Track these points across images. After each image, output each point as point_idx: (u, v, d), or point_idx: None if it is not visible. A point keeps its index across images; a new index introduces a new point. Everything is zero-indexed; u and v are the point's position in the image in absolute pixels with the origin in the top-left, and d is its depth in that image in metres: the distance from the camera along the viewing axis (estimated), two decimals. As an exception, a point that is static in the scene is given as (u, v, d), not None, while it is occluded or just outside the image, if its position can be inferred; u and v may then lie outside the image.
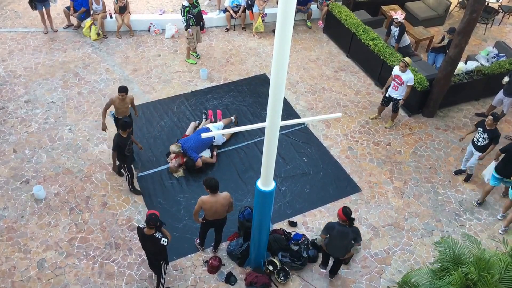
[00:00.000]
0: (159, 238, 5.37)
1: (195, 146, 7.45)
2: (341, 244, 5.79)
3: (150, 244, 5.47)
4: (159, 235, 5.39)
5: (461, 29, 7.88)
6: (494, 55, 9.66)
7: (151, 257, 5.78)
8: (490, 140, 7.22)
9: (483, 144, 7.30)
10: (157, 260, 5.72)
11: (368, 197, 7.46)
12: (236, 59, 10.06)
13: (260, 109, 8.86)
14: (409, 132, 8.65)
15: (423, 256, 6.71)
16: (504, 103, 8.45)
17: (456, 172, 7.95)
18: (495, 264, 4.89)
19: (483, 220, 7.28)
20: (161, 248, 5.47)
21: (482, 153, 7.35)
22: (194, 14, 9.19)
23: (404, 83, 7.98)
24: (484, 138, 7.25)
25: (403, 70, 7.92)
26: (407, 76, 7.94)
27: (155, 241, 5.38)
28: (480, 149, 7.36)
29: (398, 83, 8.07)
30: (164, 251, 5.60)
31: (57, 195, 7.16)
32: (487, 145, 7.27)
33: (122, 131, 6.52)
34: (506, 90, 8.26)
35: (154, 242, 5.40)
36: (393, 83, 8.18)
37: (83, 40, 10.23)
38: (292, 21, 3.91)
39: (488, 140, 7.23)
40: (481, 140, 7.31)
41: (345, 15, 10.03)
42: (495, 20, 11.61)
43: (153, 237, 5.35)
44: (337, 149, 8.21)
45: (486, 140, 7.24)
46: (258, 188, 5.32)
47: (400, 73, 7.98)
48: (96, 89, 9.05)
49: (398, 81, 8.05)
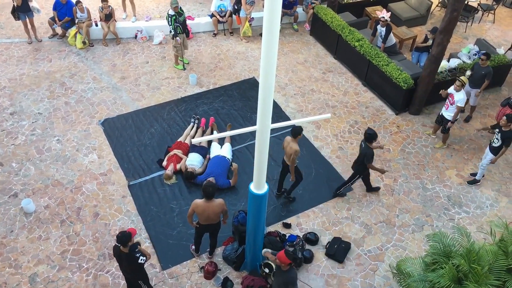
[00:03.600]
0: (137, 256, 5.28)
1: (221, 173, 7.36)
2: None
3: (126, 262, 5.37)
4: (137, 254, 5.30)
5: (443, 27, 8.05)
6: (475, 52, 9.88)
7: (129, 277, 5.67)
8: (503, 142, 7.15)
9: (497, 145, 7.23)
10: (134, 279, 5.62)
11: (359, 196, 7.55)
12: (225, 64, 10.10)
13: (250, 112, 8.90)
14: (397, 130, 8.77)
15: (415, 251, 6.81)
16: (470, 95, 8.69)
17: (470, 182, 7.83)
18: (484, 255, 5.00)
19: (471, 213, 7.42)
20: (139, 267, 5.37)
21: (495, 155, 7.32)
22: (181, 22, 9.22)
23: (454, 102, 7.79)
24: (497, 139, 7.22)
25: (457, 90, 7.70)
26: (458, 96, 7.71)
27: (133, 260, 5.28)
28: (493, 150, 7.32)
29: (450, 102, 7.89)
30: (141, 270, 5.51)
31: (47, 207, 7.08)
32: (500, 146, 7.19)
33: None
34: (471, 82, 8.47)
35: (131, 260, 5.29)
36: (446, 101, 8.00)
37: (68, 49, 10.16)
38: (279, 24, 3.97)
39: (501, 141, 7.17)
40: (495, 141, 7.28)
41: (330, 17, 10.16)
42: (475, 18, 11.87)
43: (130, 255, 5.26)
44: (328, 150, 8.29)
45: (499, 141, 7.19)
46: (251, 192, 5.35)
47: (454, 92, 7.77)
48: (84, 98, 9.00)
49: (450, 99, 7.87)
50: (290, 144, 6.60)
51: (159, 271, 6.40)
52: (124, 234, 5.17)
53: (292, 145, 6.57)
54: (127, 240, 5.17)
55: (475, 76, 8.43)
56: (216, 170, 7.36)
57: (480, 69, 8.35)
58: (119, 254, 5.34)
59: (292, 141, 6.62)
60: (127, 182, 7.48)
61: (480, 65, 8.38)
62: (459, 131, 8.80)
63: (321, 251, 6.75)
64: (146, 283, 5.71)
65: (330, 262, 6.64)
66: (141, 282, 5.64)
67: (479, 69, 8.38)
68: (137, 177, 7.59)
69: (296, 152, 6.51)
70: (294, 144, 6.56)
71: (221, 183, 7.30)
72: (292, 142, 6.60)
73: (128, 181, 7.50)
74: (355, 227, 7.09)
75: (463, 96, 7.76)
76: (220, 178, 7.32)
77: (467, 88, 8.63)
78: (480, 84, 8.47)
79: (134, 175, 7.62)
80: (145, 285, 5.69)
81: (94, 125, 8.45)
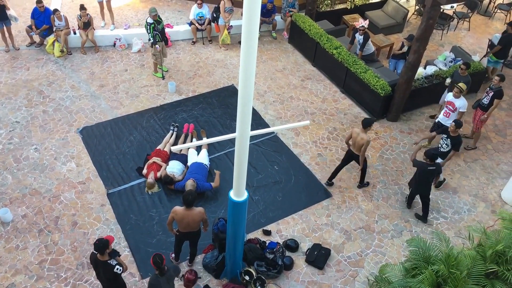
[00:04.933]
0: (113, 265, 5.24)
1: (202, 177, 7.37)
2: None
3: (103, 270, 5.31)
4: (113, 262, 5.26)
5: (419, 35, 8.25)
6: (451, 59, 10.14)
7: (106, 286, 5.60)
8: (452, 147, 7.40)
9: (446, 150, 7.50)
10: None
11: (339, 202, 7.63)
12: (204, 72, 10.12)
13: (230, 120, 8.93)
14: (375, 137, 8.92)
15: (394, 257, 6.91)
16: None
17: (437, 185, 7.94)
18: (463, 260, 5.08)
19: (448, 218, 7.58)
20: (114, 276, 5.30)
21: (443, 159, 7.55)
22: (159, 30, 9.22)
23: (456, 109, 7.86)
24: (447, 144, 7.46)
25: (457, 96, 7.79)
26: (460, 102, 7.80)
27: (108, 268, 5.23)
28: (442, 155, 7.54)
29: (450, 110, 7.94)
30: (118, 279, 5.46)
31: (24, 217, 6.95)
32: (449, 151, 7.46)
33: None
34: (450, 89, 8.67)
35: (106, 269, 5.24)
36: (445, 109, 8.03)
37: (46, 57, 10.03)
38: (257, 32, 4.02)
39: (450, 147, 7.43)
40: (444, 146, 7.52)
41: (308, 25, 10.31)
42: (451, 26, 12.20)
43: (106, 263, 5.21)
44: (307, 156, 8.37)
45: (448, 146, 7.45)
46: (231, 199, 5.36)
47: (454, 99, 7.85)
48: (62, 107, 8.88)
49: (451, 108, 7.91)
50: (361, 135, 7.08)
51: (138, 280, 6.33)
52: (102, 242, 5.12)
53: (363, 136, 7.06)
54: (104, 248, 5.13)
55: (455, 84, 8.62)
56: (196, 175, 7.35)
57: (460, 78, 8.53)
58: (95, 261, 5.28)
59: (362, 131, 7.09)
60: (106, 191, 7.40)
61: (460, 74, 8.58)
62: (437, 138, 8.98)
63: (301, 258, 6.79)
64: None
65: (310, 269, 6.67)
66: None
67: (459, 78, 8.56)
68: (116, 185, 7.52)
69: (367, 143, 7.04)
70: (364, 135, 7.06)
71: (201, 185, 7.27)
72: (362, 133, 7.08)
73: (107, 189, 7.42)
74: (335, 233, 7.16)
75: (464, 101, 7.88)
76: (200, 181, 7.31)
77: (445, 95, 8.83)
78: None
79: (113, 183, 7.55)
80: None
81: (72, 134, 8.34)
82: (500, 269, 5.11)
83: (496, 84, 8.20)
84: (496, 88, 8.21)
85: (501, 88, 8.24)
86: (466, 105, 7.94)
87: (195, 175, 7.33)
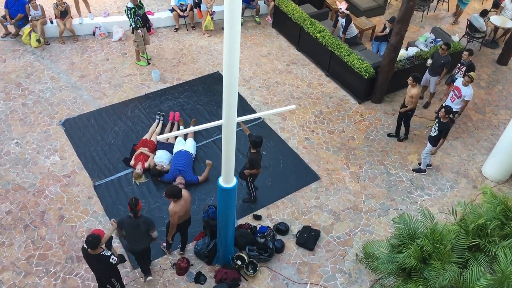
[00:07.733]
0: (108, 256, 5.21)
1: (187, 169, 7.32)
2: (137, 236, 5.64)
3: (97, 262, 5.29)
4: (107, 253, 5.23)
5: (400, 17, 8.29)
6: (432, 40, 10.24)
7: (101, 277, 5.58)
8: (439, 132, 7.40)
9: (434, 134, 7.49)
10: (107, 278, 5.53)
11: (327, 184, 7.71)
12: (188, 59, 9.99)
13: (216, 107, 8.87)
14: (360, 119, 9.00)
15: (382, 235, 7.05)
16: (430, 82, 9.05)
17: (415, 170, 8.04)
18: (447, 235, 5.26)
19: (432, 195, 7.75)
20: (109, 266, 5.28)
21: (433, 145, 7.56)
22: (140, 15, 9.02)
23: (462, 96, 7.95)
24: (435, 128, 7.48)
25: (465, 84, 7.86)
26: (466, 91, 7.88)
27: (103, 260, 5.20)
28: (431, 140, 7.56)
29: (456, 96, 8.01)
30: (114, 268, 5.44)
31: (9, 213, 6.82)
32: (437, 136, 7.45)
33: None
34: (430, 70, 8.85)
35: (100, 260, 5.21)
36: (452, 94, 8.11)
37: (23, 48, 9.74)
38: (240, 17, 3.98)
39: (437, 132, 7.43)
40: (433, 130, 7.54)
41: (292, 9, 10.24)
42: (430, 7, 12.28)
43: (100, 256, 5.18)
44: (294, 141, 8.40)
45: (436, 131, 7.46)
46: (220, 186, 5.36)
47: (462, 86, 7.92)
48: (42, 99, 8.68)
49: (457, 93, 7.98)
50: (412, 91, 7.92)
51: (130, 271, 6.32)
52: (94, 237, 5.08)
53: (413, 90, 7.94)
54: (97, 243, 5.10)
55: (435, 64, 8.75)
56: (182, 166, 7.31)
57: (440, 58, 8.66)
58: (87, 254, 5.25)
59: (412, 87, 7.90)
60: (93, 183, 7.31)
61: (440, 54, 8.70)
62: (419, 118, 9.12)
63: (291, 240, 6.87)
64: (119, 280, 5.66)
65: (301, 251, 6.77)
66: (114, 280, 5.58)
67: (439, 58, 8.69)
68: (102, 177, 7.43)
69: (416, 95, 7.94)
70: (413, 89, 7.91)
71: (189, 178, 7.27)
72: (411, 88, 7.92)
73: (94, 181, 7.33)
74: (324, 215, 7.25)
75: (471, 91, 7.95)
76: (187, 174, 7.28)
77: (426, 75, 8.96)
78: (440, 72, 8.79)
79: (100, 175, 7.45)
80: (117, 282, 5.63)
81: (54, 126, 8.18)
82: (482, 242, 5.32)
83: (466, 59, 8.44)
84: (467, 62, 8.45)
85: (472, 62, 8.49)
86: (471, 95, 8.00)
87: (181, 166, 7.29)
